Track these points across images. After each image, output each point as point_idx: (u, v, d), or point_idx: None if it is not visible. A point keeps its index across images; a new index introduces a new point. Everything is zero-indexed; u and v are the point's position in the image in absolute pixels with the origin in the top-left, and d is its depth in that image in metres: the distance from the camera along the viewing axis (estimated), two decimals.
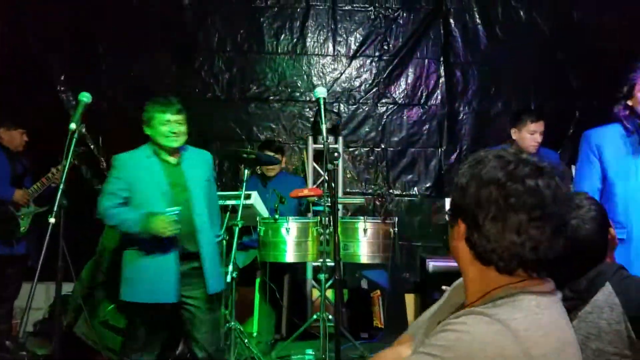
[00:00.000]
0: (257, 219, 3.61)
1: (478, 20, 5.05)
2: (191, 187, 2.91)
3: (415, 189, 5.04)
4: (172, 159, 2.94)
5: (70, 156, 2.56)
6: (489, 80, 5.03)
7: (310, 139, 4.92)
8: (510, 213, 1.00)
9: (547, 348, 0.97)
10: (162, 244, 2.78)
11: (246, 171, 3.49)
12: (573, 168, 3.13)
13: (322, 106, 2.76)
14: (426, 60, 5.10)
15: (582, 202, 1.57)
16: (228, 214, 3.51)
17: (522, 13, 5.02)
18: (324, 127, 2.71)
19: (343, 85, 5.13)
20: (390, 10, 5.11)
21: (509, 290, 1.03)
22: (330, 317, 3.42)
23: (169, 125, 2.86)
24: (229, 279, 3.17)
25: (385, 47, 5.12)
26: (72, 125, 2.57)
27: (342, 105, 5.11)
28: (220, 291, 3.02)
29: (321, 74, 5.12)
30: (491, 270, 1.05)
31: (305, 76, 5.11)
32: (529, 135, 3.77)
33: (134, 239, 2.82)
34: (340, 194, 4.83)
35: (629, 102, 2.44)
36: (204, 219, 2.90)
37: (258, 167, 4.31)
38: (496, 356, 0.94)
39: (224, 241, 3.49)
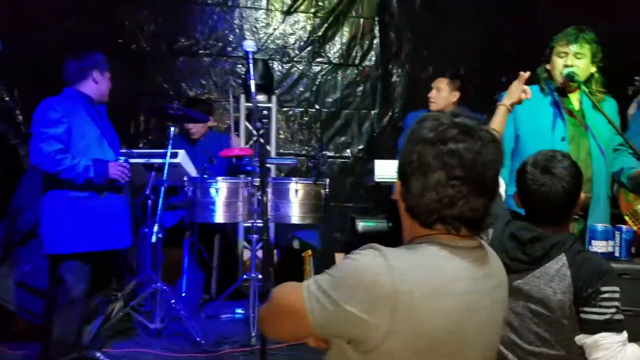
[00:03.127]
0: (185, 179, 3.51)
1: None
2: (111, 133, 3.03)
3: (348, 150, 5.06)
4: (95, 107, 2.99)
5: None
6: (422, 44, 5.04)
7: (243, 96, 4.78)
8: (431, 172, 1.09)
9: (416, 287, 1.06)
10: (113, 188, 2.86)
11: (173, 129, 3.38)
12: None
13: (252, 61, 2.68)
14: (361, 20, 5.03)
15: (563, 159, 1.68)
16: (154, 172, 3.40)
17: None
18: (252, 84, 2.63)
19: (277, 42, 4.97)
20: None
21: (420, 240, 1.14)
22: (260, 276, 3.42)
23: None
24: (154, 239, 3.13)
25: (320, 4, 4.99)
26: None
27: (275, 63, 4.97)
28: None
29: (254, 29, 4.93)
30: (416, 223, 1.15)
31: (237, 30, 4.90)
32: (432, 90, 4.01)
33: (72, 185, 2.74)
34: (273, 154, 4.76)
35: (548, 66, 2.51)
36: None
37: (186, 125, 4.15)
38: (369, 280, 1.06)
39: (150, 201, 3.39)
